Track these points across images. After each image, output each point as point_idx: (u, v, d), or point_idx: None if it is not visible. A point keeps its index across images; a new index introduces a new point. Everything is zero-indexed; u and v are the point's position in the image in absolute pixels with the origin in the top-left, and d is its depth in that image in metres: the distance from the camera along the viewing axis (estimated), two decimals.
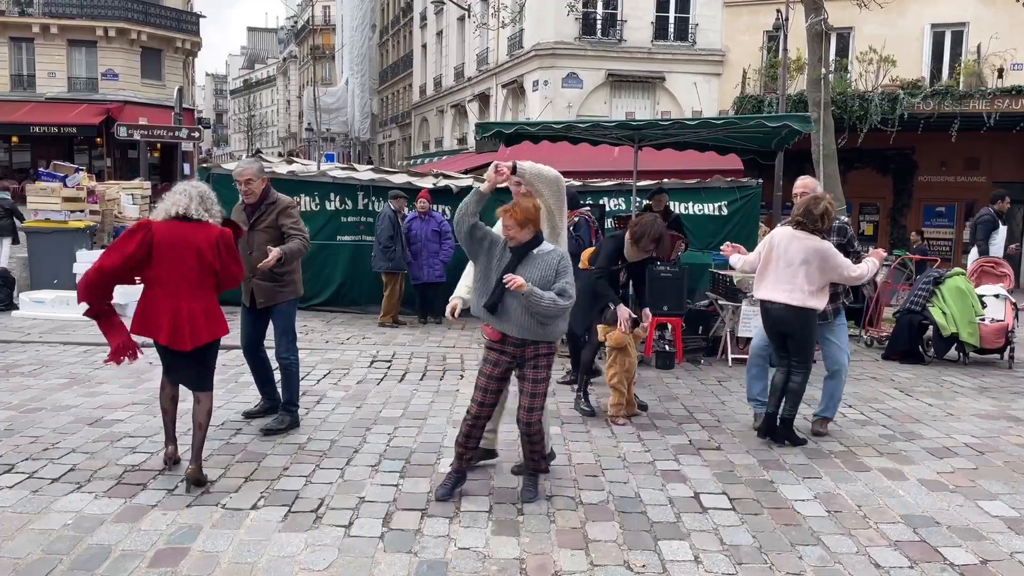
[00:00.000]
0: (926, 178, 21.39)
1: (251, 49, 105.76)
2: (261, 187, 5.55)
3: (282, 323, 5.72)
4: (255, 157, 9.01)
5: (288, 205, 5.65)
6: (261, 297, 5.60)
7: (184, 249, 4.44)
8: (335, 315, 11.14)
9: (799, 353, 5.64)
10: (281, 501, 4.36)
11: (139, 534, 3.91)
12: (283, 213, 5.56)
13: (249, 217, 5.58)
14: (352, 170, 13.32)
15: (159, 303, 4.50)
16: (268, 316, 5.74)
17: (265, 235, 5.49)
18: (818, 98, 13.23)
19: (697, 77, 22.71)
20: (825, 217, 5.50)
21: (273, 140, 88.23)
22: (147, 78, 33.55)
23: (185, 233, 4.46)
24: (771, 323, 5.72)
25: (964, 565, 3.82)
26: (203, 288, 4.52)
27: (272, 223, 5.53)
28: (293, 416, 5.74)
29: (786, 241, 5.59)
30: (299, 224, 5.61)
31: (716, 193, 12.05)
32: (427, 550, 3.83)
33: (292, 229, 5.53)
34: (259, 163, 5.98)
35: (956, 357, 9.07)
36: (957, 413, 6.73)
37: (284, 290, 5.64)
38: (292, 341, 5.77)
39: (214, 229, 4.53)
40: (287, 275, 5.63)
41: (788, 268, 5.55)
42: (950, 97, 18.95)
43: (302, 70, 71.01)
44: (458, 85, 31.64)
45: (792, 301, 5.50)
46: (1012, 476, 5.10)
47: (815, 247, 5.49)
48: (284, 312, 5.71)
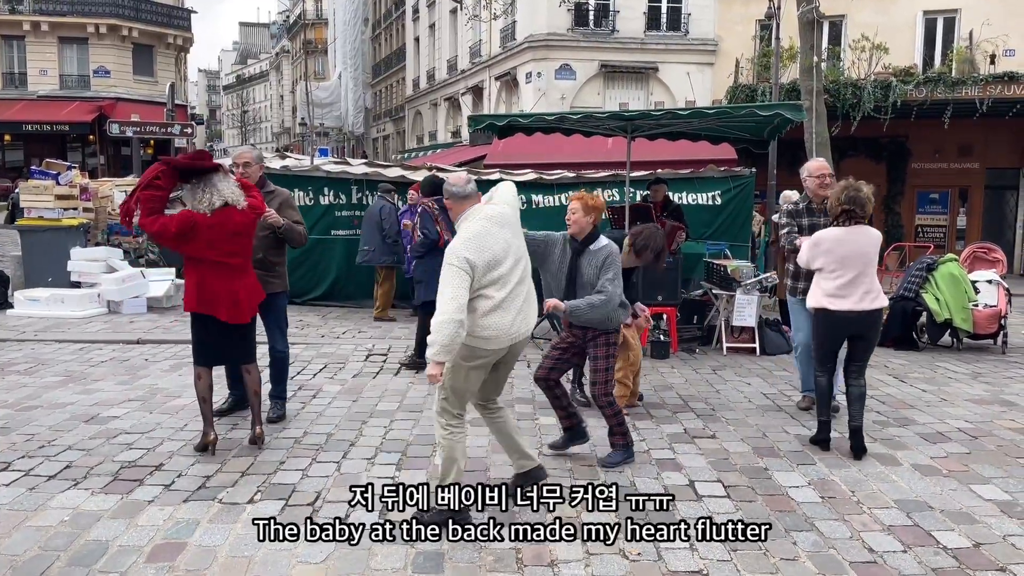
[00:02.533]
0: (919, 165, 21.40)
1: (243, 44, 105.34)
2: (259, 172, 5.60)
3: (275, 315, 5.77)
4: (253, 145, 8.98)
5: (288, 197, 5.79)
6: None
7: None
8: (330, 309, 11.15)
9: (868, 355, 5.30)
10: (278, 495, 4.38)
11: (136, 529, 3.92)
12: (285, 203, 5.68)
13: None
14: (346, 164, 13.31)
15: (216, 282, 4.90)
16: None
17: (264, 225, 5.50)
18: (811, 86, 13.25)
19: (690, 67, 22.69)
20: (871, 201, 5.14)
21: (267, 135, 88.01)
22: (139, 75, 33.43)
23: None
24: (846, 330, 5.21)
25: (957, 548, 3.85)
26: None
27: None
28: (284, 407, 5.87)
29: (851, 242, 5.10)
30: (300, 217, 5.79)
31: (710, 183, 12.05)
32: (424, 541, 3.84)
33: (295, 221, 5.66)
34: (258, 150, 6.11)
35: (950, 343, 9.12)
36: (951, 398, 6.76)
37: (275, 280, 5.67)
38: (285, 333, 5.86)
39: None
40: (277, 266, 5.70)
41: (868, 268, 5.11)
42: (943, 84, 18.94)
43: (295, 65, 70.76)
44: (451, 78, 31.59)
45: (877, 305, 5.12)
46: (1005, 460, 5.13)
47: (877, 237, 5.16)
48: (278, 304, 5.76)
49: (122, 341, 8.61)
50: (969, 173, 21.62)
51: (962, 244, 18.87)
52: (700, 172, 12.30)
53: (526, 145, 13.29)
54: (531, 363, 8.00)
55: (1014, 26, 20.08)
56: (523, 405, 6.37)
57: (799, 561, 3.71)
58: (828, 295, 5.16)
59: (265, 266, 5.56)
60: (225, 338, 5.07)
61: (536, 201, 11.94)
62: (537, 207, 11.91)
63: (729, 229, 11.91)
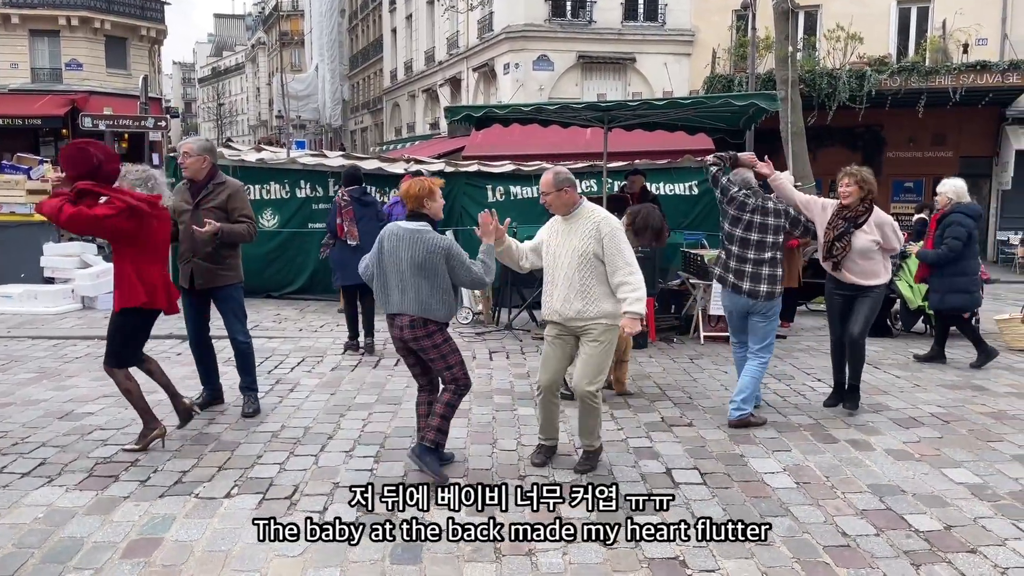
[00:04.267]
0: (894, 154, 21.61)
1: (218, 36, 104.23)
2: (198, 164, 5.50)
3: (231, 306, 5.71)
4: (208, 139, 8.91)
5: (238, 188, 5.65)
6: (200, 278, 5.57)
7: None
8: (308, 303, 11.10)
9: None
10: (255, 489, 4.36)
11: (111, 526, 3.90)
12: (234, 196, 5.55)
13: (193, 197, 5.55)
14: (323, 157, 13.23)
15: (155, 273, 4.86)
16: (208, 301, 5.72)
17: (212, 215, 5.46)
18: (786, 76, 13.32)
19: (667, 58, 22.74)
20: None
21: (244, 128, 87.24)
22: (112, 68, 32.95)
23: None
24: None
25: (929, 531, 3.91)
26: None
27: (221, 204, 5.49)
28: (256, 396, 5.83)
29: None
30: (249, 211, 5.62)
31: (686, 173, 12.11)
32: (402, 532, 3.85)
33: (242, 215, 5.53)
34: (209, 143, 5.89)
35: (923, 330, 9.23)
36: (923, 384, 6.85)
37: (226, 273, 5.60)
38: (244, 323, 5.79)
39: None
40: (229, 258, 5.60)
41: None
42: (916, 73, 19.14)
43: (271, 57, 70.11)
44: (429, 69, 31.46)
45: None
46: (976, 444, 5.21)
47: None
48: (231, 297, 5.69)
49: (97, 337, 8.52)
50: (943, 162, 21.83)
51: None
52: (677, 162, 12.35)
53: (504, 136, 13.31)
54: (510, 354, 8.02)
55: (986, 15, 20.30)
56: (501, 396, 6.38)
57: (774, 546, 3.75)
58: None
59: (215, 259, 5.51)
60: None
61: (514, 192, 11.94)
62: (515, 198, 11.91)
63: (706, 219, 11.96)
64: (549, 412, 4.81)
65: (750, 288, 5.57)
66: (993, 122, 21.00)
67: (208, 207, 5.50)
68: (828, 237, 5.79)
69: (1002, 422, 5.69)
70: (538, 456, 4.81)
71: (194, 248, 5.47)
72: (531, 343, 8.51)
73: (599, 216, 4.67)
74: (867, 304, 5.84)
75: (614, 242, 4.56)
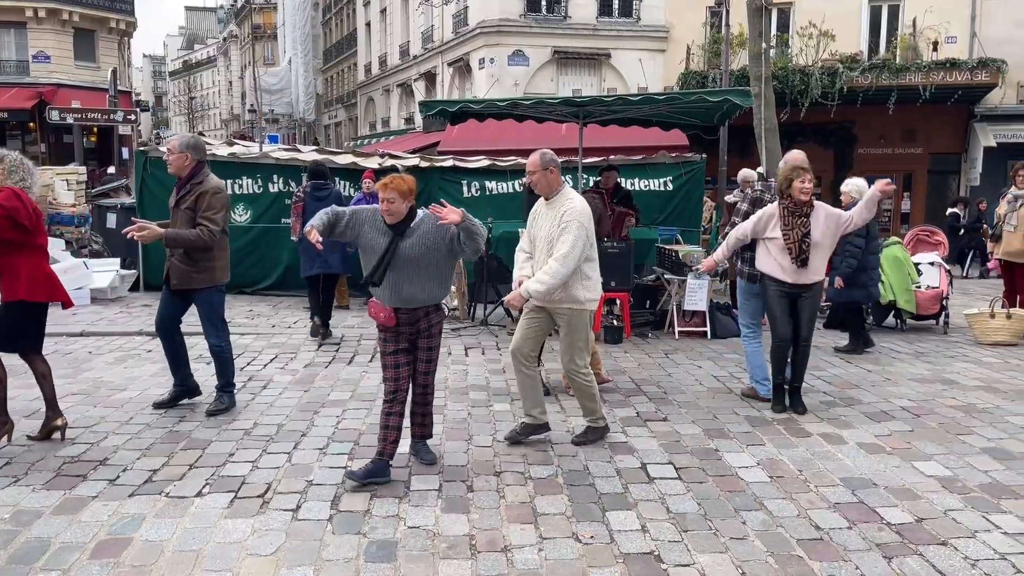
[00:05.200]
0: (866, 151, 21.83)
1: (189, 29, 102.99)
2: (183, 162, 5.41)
3: (205, 311, 5.59)
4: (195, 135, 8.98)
5: (210, 190, 5.40)
6: (175, 278, 5.49)
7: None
8: (281, 299, 11.00)
9: None
10: (227, 487, 4.31)
11: (79, 526, 3.83)
12: (201, 197, 5.37)
13: (176, 194, 5.49)
14: (296, 151, 13.12)
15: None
16: (185, 301, 5.62)
17: (184, 216, 5.38)
18: (759, 72, 13.40)
19: (642, 54, 22.78)
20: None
21: (216, 123, 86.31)
22: (80, 60, 32.41)
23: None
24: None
25: (900, 524, 3.94)
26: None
27: (192, 204, 5.38)
28: (231, 396, 5.73)
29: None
30: (212, 213, 5.35)
31: (661, 169, 12.14)
32: (376, 530, 3.82)
33: (201, 217, 5.35)
34: (194, 139, 5.77)
35: (894, 324, 9.34)
36: (894, 378, 6.93)
37: (199, 276, 5.47)
38: (221, 328, 5.65)
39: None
40: (201, 261, 5.46)
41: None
42: (887, 71, 19.35)
43: (243, 50, 69.37)
44: (404, 64, 31.29)
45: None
46: (946, 437, 5.27)
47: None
48: (206, 300, 5.56)
49: (65, 334, 8.38)
50: (913, 158, 22.13)
51: (906, 228, 19.32)
52: (652, 158, 12.38)
53: (480, 132, 13.24)
54: (485, 350, 8.00)
55: (955, 14, 20.55)
56: (477, 392, 6.36)
57: (748, 540, 3.77)
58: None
59: (188, 261, 5.42)
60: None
61: (489, 188, 11.90)
62: (491, 193, 11.87)
63: (681, 215, 12.02)
64: (522, 382, 5.11)
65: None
66: (962, 119, 21.29)
67: (184, 207, 5.41)
68: (795, 237, 5.75)
69: (971, 415, 5.77)
70: (512, 432, 5.07)
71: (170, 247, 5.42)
72: (507, 339, 8.48)
73: (569, 205, 4.86)
74: (815, 302, 5.96)
75: (565, 229, 4.79)
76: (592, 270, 4.97)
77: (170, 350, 5.73)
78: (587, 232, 4.83)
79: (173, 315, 5.67)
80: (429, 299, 4.46)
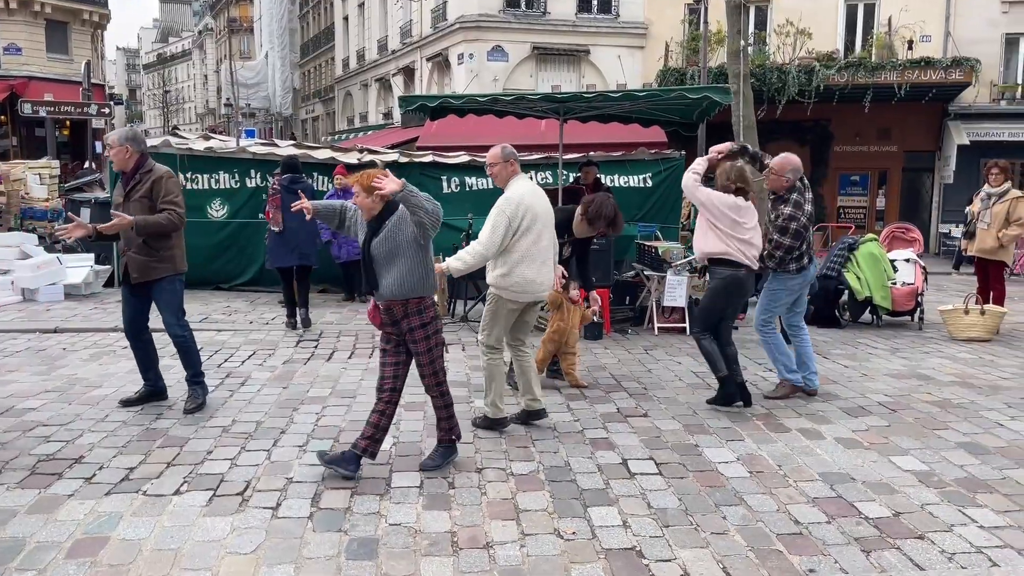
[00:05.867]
0: (841, 148, 22.07)
1: (164, 22, 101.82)
2: (122, 155, 5.33)
3: (165, 300, 5.51)
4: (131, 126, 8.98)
5: (163, 176, 5.40)
6: (135, 272, 5.40)
7: None
8: (259, 295, 10.91)
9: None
10: (205, 485, 4.27)
11: (55, 525, 3.77)
12: (158, 182, 5.34)
13: (124, 187, 5.40)
14: (273, 146, 13.01)
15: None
16: (147, 295, 5.54)
17: (139, 205, 5.30)
18: (737, 70, 13.46)
19: (621, 50, 22.82)
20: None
21: (191, 116, 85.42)
22: (53, 52, 31.90)
23: None
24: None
25: (878, 518, 3.98)
26: None
27: (146, 193, 5.31)
28: (203, 386, 5.67)
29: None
30: (173, 197, 5.36)
31: (640, 165, 12.18)
32: (357, 528, 3.80)
33: (163, 202, 5.31)
34: (132, 131, 5.67)
35: (870, 320, 9.44)
36: (871, 374, 7.00)
37: (160, 265, 5.41)
38: (181, 317, 5.59)
39: None
40: (162, 250, 5.40)
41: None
42: (863, 69, 19.54)
43: (219, 43, 68.67)
44: (382, 59, 31.12)
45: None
46: (922, 432, 5.33)
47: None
48: (165, 289, 5.48)
49: (38, 330, 8.27)
50: (888, 156, 22.38)
51: (881, 224, 19.56)
52: (631, 155, 12.43)
53: (459, 127, 13.23)
54: (465, 346, 7.98)
55: (930, 13, 20.79)
56: (457, 389, 6.34)
57: (728, 535, 3.79)
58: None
59: (147, 251, 5.35)
60: None
61: (469, 184, 11.87)
62: (471, 189, 11.84)
63: (660, 211, 12.07)
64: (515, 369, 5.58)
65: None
66: (936, 117, 21.56)
67: (137, 197, 5.32)
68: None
69: (947, 410, 5.84)
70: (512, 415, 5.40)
71: (127, 241, 5.32)
72: None
73: (505, 195, 5.14)
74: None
75: (489, 216, 5.09)
76: (515, 262, 5.07)
77: (139, 350, 5.64)
78: (508, 220, 5.01)
79: (138, 314, 5.59)
80: (400, 293, 4.32)
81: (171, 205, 5.32)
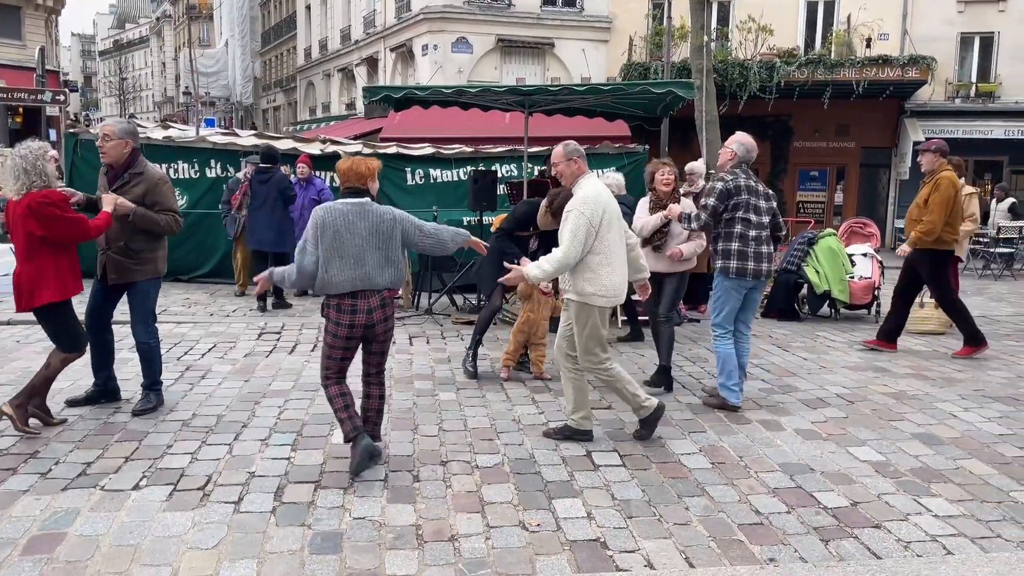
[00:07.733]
0: (801, 144, 22.37)
1: (121, 8, 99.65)
2: (120, 149, 5.19)
3: (139, 301, 5.36)
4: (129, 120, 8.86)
5: (157, 180, 5.28)
6: (114, 272, 5.25)
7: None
8: (219, 287, 10.76)
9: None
10: (165, 480, 4.20)
11: (10, 521, 3.69)
12: (152, 190, 5.22)
13: (110, 184, 5.24)
14: (234, 136, 12.82)
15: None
16: (120, 294, 5.40)
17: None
18: (701, 65, 13.58)
19: (585, 44, 22.87)
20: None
21: (148, 104, 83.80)
22: (5, 38, 31.01)
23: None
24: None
25: (836, 508, 4.06)
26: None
27: (137, 199, 5.16)
28: (159, 394, 5.48)
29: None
30: (171, 204, 5.33)
31: (604, 159, 12.22)
32: (321, 522, 3.78)
33: (163, 210, 5.26)
34: (131, 125, 5.58)
35: (828, 313, 9.60)
36: (829, 366, 7.12)
37: (140, 268, 5.28)
38: (151, 322, 5.43)
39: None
40: (145, 252, 5.29)
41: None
42: (822, 66, 19.83)
43: (178, 31, 67.42)
44: (345, 48, 30.80)
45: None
46: (879, 423, 5.44)
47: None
48: (143, 291, 5.35)
49: None
50: (846, 152, 22.76)
51: (839, 219, 19.87)
52: (595, 148, 12.45)
53: (423, 119, 13.12)
54: (430, 339, 7.96)
55: (888, 11, 21.16)
56: (422, 382, 6.33)
57: (691, 525, 3.84)
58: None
59: (127, 253, 5.22)
60: None
61: (434, 176, 11.83)
62: (435, 181, 11.80)
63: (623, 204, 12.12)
64: (564, 384, 5.12)
65: (767, 268, 5.66)
66: (893, 115, 21.97)
67: (126, 198, 5.19)
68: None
69: (902, 402, 5.97)
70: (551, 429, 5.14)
71: (107, 239, 5.17)
72: (451, 328, 8.47)
73: (576, 195, 4.80)
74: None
75: (566, 220, 4.76)
76: (598, 265, 4.74)
77: (97, 347, 5.44)
78: (588, 222, 4.65)
79: (105, 308, 5.43)
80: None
81: (172, 212, 5.34)
